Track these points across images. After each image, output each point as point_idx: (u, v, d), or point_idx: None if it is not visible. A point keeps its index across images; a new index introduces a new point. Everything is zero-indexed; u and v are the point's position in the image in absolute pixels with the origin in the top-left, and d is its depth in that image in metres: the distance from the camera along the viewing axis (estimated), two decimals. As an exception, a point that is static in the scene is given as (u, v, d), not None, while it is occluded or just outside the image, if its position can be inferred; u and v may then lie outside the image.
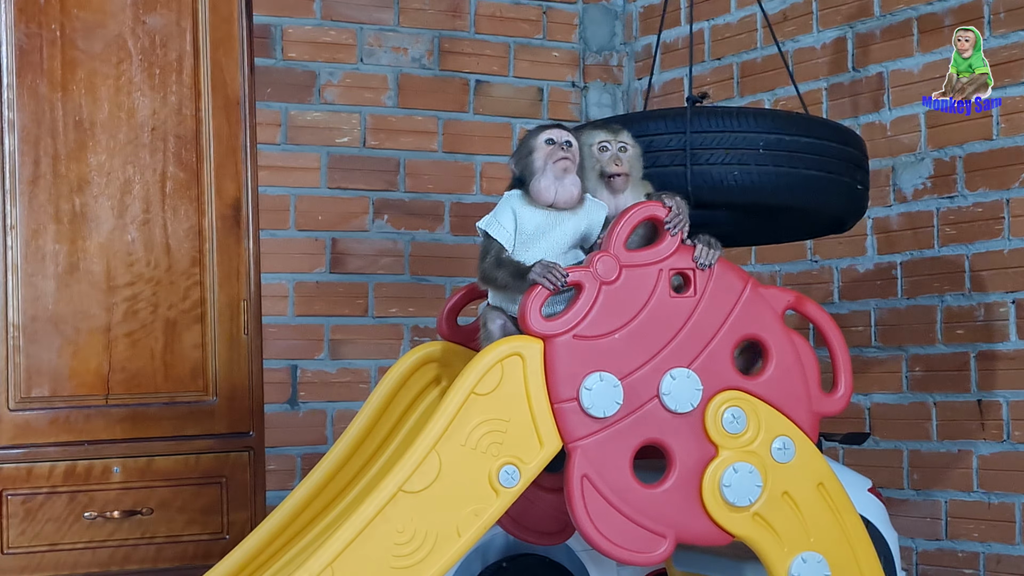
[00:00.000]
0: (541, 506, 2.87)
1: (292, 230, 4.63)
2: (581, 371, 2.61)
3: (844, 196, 3.26)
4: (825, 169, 3.19)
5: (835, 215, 3.38)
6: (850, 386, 2.84)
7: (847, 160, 3.25)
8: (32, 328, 3.51)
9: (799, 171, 3.14)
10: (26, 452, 3.49)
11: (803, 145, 3.16)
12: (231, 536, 3.58)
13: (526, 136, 2.84)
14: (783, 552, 2.71)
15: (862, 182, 3.31)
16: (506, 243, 2.73)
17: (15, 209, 3.51)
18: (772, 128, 3.13)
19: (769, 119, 3.16)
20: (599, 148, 2.84)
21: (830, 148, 3.20)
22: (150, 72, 3.62)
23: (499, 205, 2.79)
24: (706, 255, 2.71)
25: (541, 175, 2.74)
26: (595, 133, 2.86)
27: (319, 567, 2.45)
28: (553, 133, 2.78)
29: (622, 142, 2.85)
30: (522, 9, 5.03)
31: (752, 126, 3.12)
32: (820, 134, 3.22)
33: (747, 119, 3.13)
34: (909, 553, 4.20)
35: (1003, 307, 3.99)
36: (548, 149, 2.76)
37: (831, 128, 3.30)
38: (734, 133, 3.04)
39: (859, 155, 3.32)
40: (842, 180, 3.23)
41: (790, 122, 3.19)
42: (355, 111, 4.73)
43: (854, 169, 3.27)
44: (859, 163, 3.31)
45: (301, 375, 4.60)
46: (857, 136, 3.37)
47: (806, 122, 3.24)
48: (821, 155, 3.18)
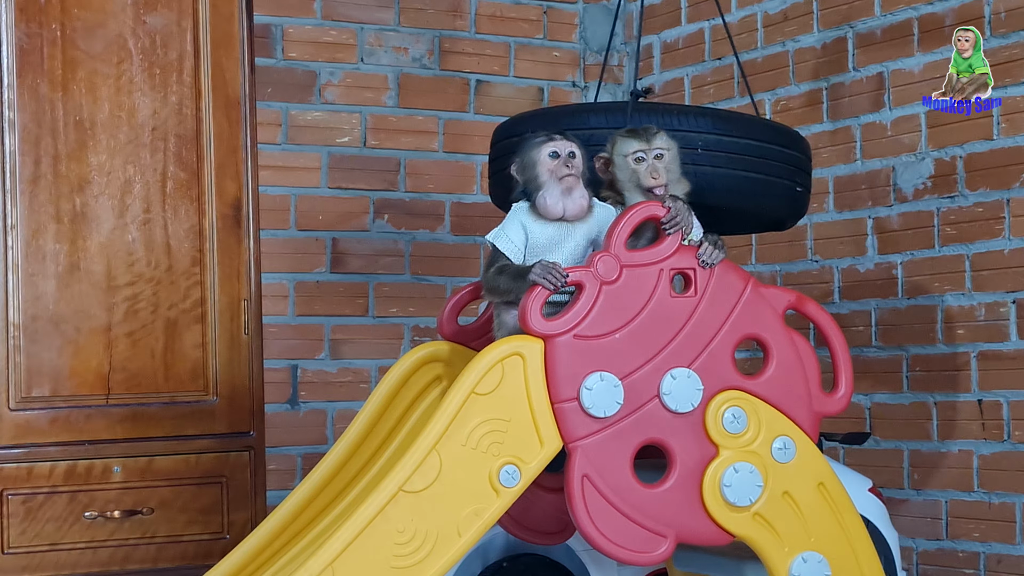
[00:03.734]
0: (541, 506, 2.87)
1: (293, 230, 4.62)
2: (582, 371, 2.61)
3: (782, 198, 3.25)
4: (763, 171, 3.17)
5: (773, 217, 3.37)
6: (851, 386, 2.84)
7: (787, 163, 3.24)
8: (32, 328, 3.51)
9: (736, 172, 3.13)
10: (26, 452, 3.49)
11: (742, 146, 3.14)
12: (231, 536, 3.58)
13: (527, 145, 2.78)
14: (784, 552, 2.71)
15: (803, 184, 3.30)
16: (514, 257, 2.71)
17: (15, 209, 3.51)
18: (712, 128, 3.12)
19: (709, 118, 3.14)
20: (634, 159, 2.80)
21: (769, 150, 3.19)
22: (151, 72, 3.62)
23: (508, 218, 2.76)
24: (710, 254, 2.71)
25: (547, 191, 2.71)
26: (628, 143, 2.81)
27: (319, 567, 2.45)
28: (557, 145, 2.73)
29: (657, 148, 2.80)
30: (522, 9, 5.03)
31: (692, 125, 3.11)
32: (760, 136, 3.20)
33: (687, 117, 3.11)
34: (909, 553, 4.20)
35: (1003, 307, 3.99)
36: (552, 164, 2.72)
37: (772, 130, 3.28)
38: (674, 132, 3.01)
39: (801, 158, 3.30)
40: (781, 182, 3.22)
41: (730, 122, 3.18)
42: (355, 111, 4.73)
43: (794, 172, 3.26)
44: (800, 165, 3.29)
45: (301, 375, 4.60)
46: (801, 138, 3.36)
47: (746, 123, 3.23)
48: (759, 157, 3.16)
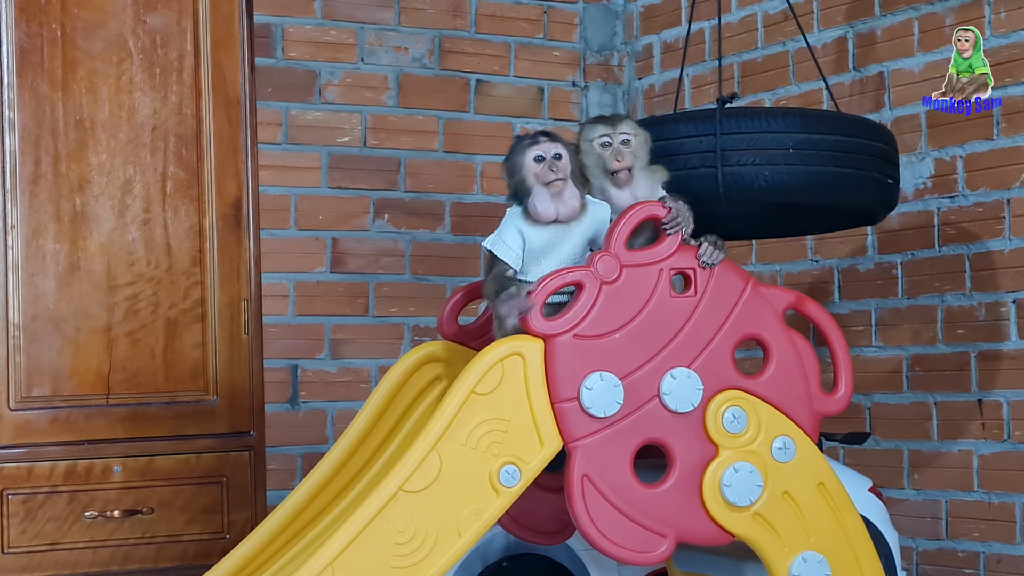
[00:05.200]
0: (541, 506, 2.87)
1: (293, 229, 4.62)
2: (582, 371, 2.61)
3: (874, 191, 3.27)
4: (855, 166, 3.19)
5: (865, 210, 3.39)
6: (851, 386, 2.84)
7: (876, 155, 3.26)
8: (33, 327, 3.51)
9: (829, 169, 3.15)
10: (26, 451, 3.49)
11: (832, 143, 3.16)
12: (231, 536, 3.58)
13: (513, 149, 2.73)
14: (783, 552, 2.71)
15: (892, 176, 3.32)
16: (512, 263, 2.70)
17: (16, 208, 3.51)
18: (801, 128, 3.14)
19: (797, 118, 3.16)
20: (600, 144, 2.80)
21: (859, 144, 3.21)
22: (151, 72, 3.62)
23: (503, 224, 2.73)
24: (710, 254, 2.70)
25: (536, 197, 2.68)
26: (595, 128, 2.82)
27: (319, 567, 2.45)
28: (542, 148, 2.69)
29: (623, 133, 2.80)
30: (523, 9, 5.03)
31: (781, 126, 3.12)
32: (849, 131, 3.22)
33: (776, 119, 3.13)
34: (909, 553, 4.20)
35: (1004, 307, 3.98)
36: (538, 168, 2.68)
37: (860, 124, 3.31)
38: (763, 134, 3.03)
39: (889, 150, 3.32)
40: (872, 176, 3.24)
41: (819, 121, 3.20)
42: (356, 111, 4.73)
43: (883, 164, 3.28)
44: (888, 157, 3.31)
45: (302, 375, 4.60)
46: (887, 130, 3.38)
47: (834, 120, 3.25)
48: (850, 152, 3.18)
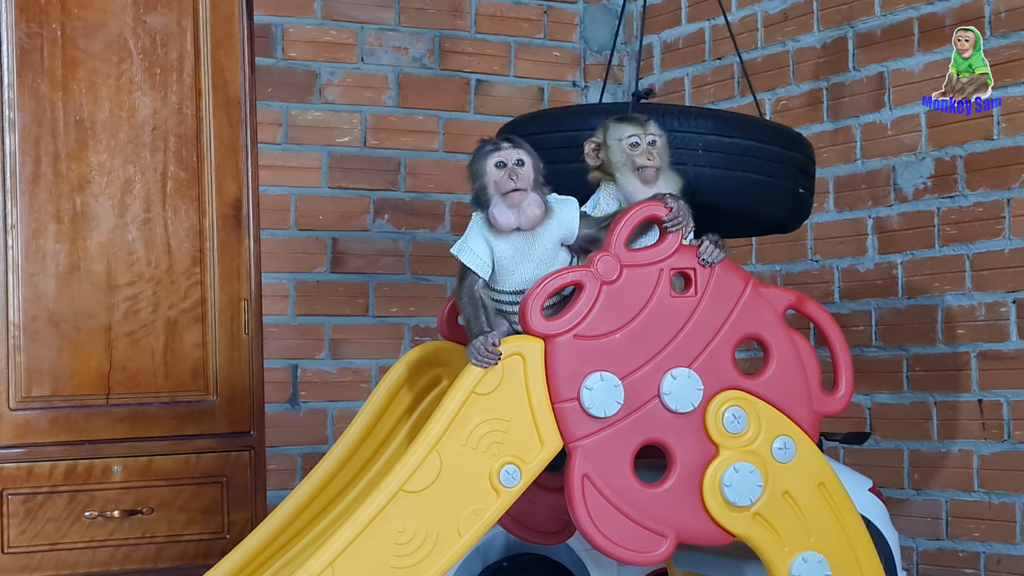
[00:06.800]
0: (542, 506, 2.87)
1: (293, 229, 4.62)
2: (582, 371, 2.61)
3: (785, 200, 3.23)
4: (765, 172, 3.16)
5: (774, 218, 3.36)
6: (851, 386, 2.84)
7: (789, 164, 3.22)
8: (33, 327, 3.50)
9: (737, 173, 3.12)
10: (26, 451, 3.48)
11: (743, 148, 3.13)
12: (231, 536, 3.58)
13: (476, 154, 2.68)
14: (784, 552, 2.71)
15: (805, 186, 3.28)
16: (480, 271, 2.68)
17: (16, 208, 3.51)
18: (713, 130, 3.11)
19: (711, 120, 3.13)
20: (629, 144, 2.83)
21: (772, 152, 3.17)
22: (151, 72, 3.62)
23: (469, 230, 2.70)
24: (711, 252, 2.70)
25: (495, 207, 2.64)
26: (623, 127, 2.84)
27: (319, 567, 2.45)
28: (503, 155, 2.64)
29: (651, 134, 2.84)
30: (523, 9, 5.03)
31: (692, 126, 3.10)
32: (762, 137, 3.18)
33: (688, 119, 3.11)
34: (910, 553, 4.20)
35: (1004, 307, 3.99)
36: (498, 176, 2.63)
37: (775, 132, 3.27)
38: (674, 133, 3.00)
39: (804, 159, 3.28)
40: (782, 184, 3.20)
41: (732, 124, 3.17)
42: (356, 111, 4.73)
43: (796, 173, 3.24)
44: (803, 167, 3.27)
45: (302, 375, 4.60)
46: (804, 140, 3.34)
47: (748, 124, 3.21)
48: (761, 158, 3.15)
